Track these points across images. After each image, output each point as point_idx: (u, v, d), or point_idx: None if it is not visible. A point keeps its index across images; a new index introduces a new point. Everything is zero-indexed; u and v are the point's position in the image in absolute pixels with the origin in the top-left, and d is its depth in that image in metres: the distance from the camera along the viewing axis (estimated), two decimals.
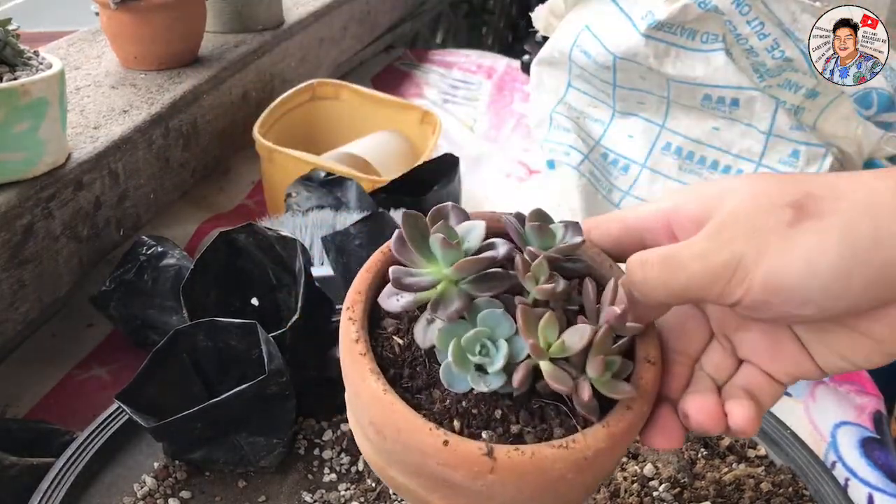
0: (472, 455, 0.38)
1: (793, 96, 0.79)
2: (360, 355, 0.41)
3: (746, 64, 0.79)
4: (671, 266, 0.39)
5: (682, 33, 0.79)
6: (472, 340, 0.40)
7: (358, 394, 0.42)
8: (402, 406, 0.39)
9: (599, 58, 0.85)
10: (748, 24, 0.77)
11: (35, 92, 0.73)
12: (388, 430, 0.40)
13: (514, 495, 0.40)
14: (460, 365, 0.39)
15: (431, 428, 0.39)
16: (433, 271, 0.41)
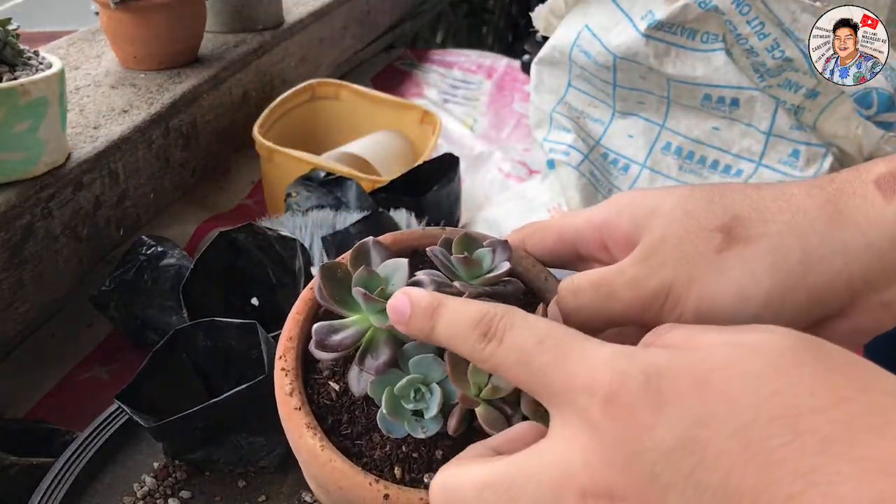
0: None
1: (793, 96, 0.79)
2: (294, 410, 0.41)
3: (747, 64, 0.79)
4: (603, 294, 0.39)
5: (682, 33, 0.79)
6: (405, 388, 0.40)
7: (297, 450, 0.41)
8: (340, 462, 0.39)
9: (599, 58, 0.85)
10: (748, 24, 0.77)
11: (35, 92, 0.73)
12: (330, 487, 0.40)
13: None
14: (395, 414, 0.40)
15: (371, 482, 0.38)
16: (358, 320, 0.41)
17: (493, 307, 0.35)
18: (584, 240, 0.43)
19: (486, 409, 0.39)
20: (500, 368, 0.34)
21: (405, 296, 0.37)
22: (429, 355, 0.40)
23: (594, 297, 0.39)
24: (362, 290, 0.40)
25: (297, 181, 0.93)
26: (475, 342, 0.34)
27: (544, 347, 0.32)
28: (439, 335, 0.36)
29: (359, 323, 0.41)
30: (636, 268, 0.39)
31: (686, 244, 0.38)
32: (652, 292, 0.38)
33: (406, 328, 0.37)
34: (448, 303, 0.36)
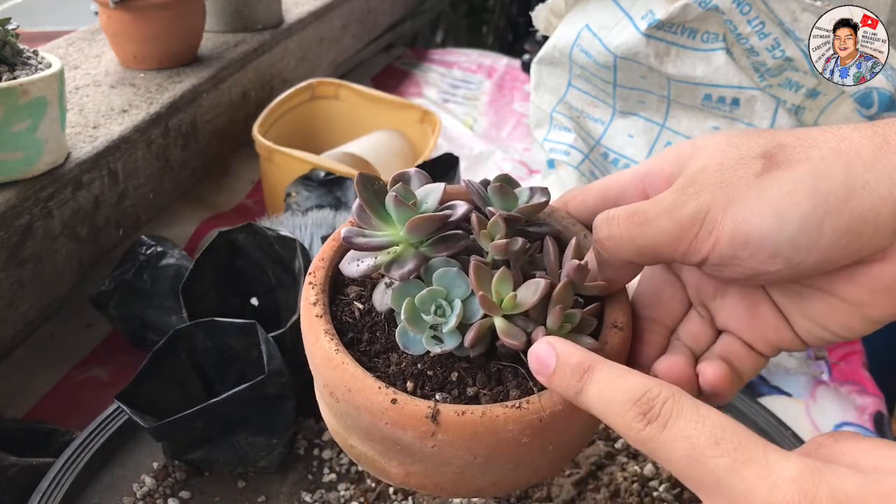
0: (419, 414, 0.37)
1: (793, 96, 0.79)
2: (315, 317, 0.41)
3: (747, 63, 0.79)
4: (637, 221, 0.38)
5: (682, 32, 0.79)
6: (426, 300, 0.39)
7: (312, 354, 0.41)
8: (352, 366, 0.39)
9: (600, 57, 0.85)
10: (749, 24, 0.77)
11: (34, 91, 0.73)
12: (339, 391, 0.39)
13: (467, 458, 0.39)
14: (415, 325, 0.39)
15: (381, 387, 0.38)
16: (389, 233, 0.41)
17: (656, 384, 0.34)
18: (627, 194, 0.42)
19: (506, 323, 0.38)
20: (660, 455, 0.33)
21: (550, 347, 0.36)
22: (453, 269, 0.40)
23: (628, 225, 0.38)
24: (395, 195, 0.39)
25: (296, 181, 0.93)
26: (633, 420, 0.33)
27: (721, 450, 0.31)
28: (589, 401, 0.35)
29: (389, 236, 0.41)
30: (673, 195, 0.37)
31: (726, 170, 0.37)
32: (688, 218, 0.36)
33: (548, 382, 0.36)
34: (602, 368, 0.35)
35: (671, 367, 0.40)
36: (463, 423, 0.37)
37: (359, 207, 0.41)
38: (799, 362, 0.85)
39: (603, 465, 0.63)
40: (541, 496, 0.62)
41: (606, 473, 0.62)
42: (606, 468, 0.63)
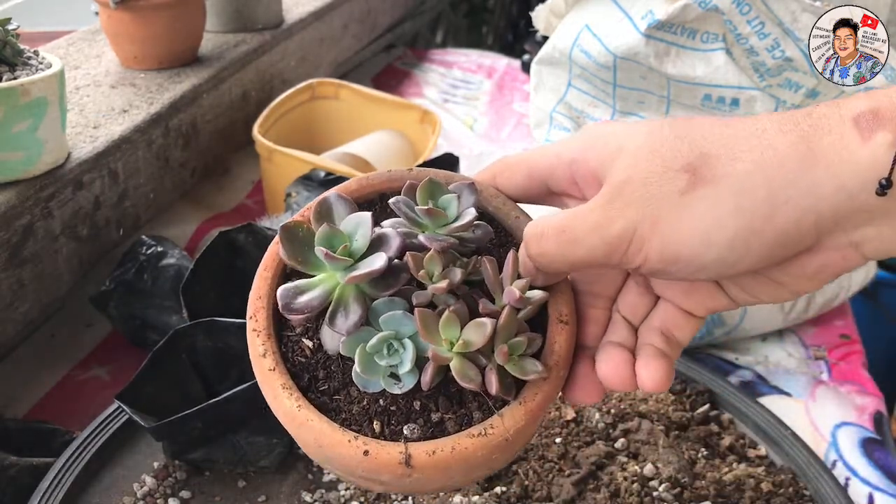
0: (392, 462, 0.39)
1: (793, 96, 0.79)
2: (269, 371, 0.41)
3: (747, 63, 0.79)
4: (567, 239, 0.39)
5: (682, 33, 0.79)
6: (377, 345, 0.39)
7: (275, 410, 0.41)
8: (318, 421, 0.39)
9: (600, 58, 0.84)
10: (749, 24, 0.77)
11: (35, 91, 0.73)
12: (310, 448, 0.40)
13: (443, 482, 0.42)
14: (370, 371, 0.39)
15: (350, 440, 0.39)
16: (325, 279, 0.40)
17: None
18: (554, 177, 0.42)
19: (460, 362, 0.39)
20: None
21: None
22: (398, 312, 0.40)
23: (558, 244, 0.39)
24: (324, 250, 0.39)
25: (296, 181, 0.93)
26: None
27: None
28: None
29: (326, 281, 0.40)
30: (599, 212, 0.38)
31: (651, 185, 0.37)
32: (616, 236, 0.38)
33: None
34: None
35: (613, 372, 0.41)
36: (435, 462, 0.39)
37: (284, 254, 0.41)
38: (799, 362, 0.85)
39: (603, 465, 0.63)
40: (541, 496, 0.62)
41: (606, 473, 0.62)
42: (606, 468, 0.63)
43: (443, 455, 0.39)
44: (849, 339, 0.89)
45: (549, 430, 0.66)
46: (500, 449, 0.40)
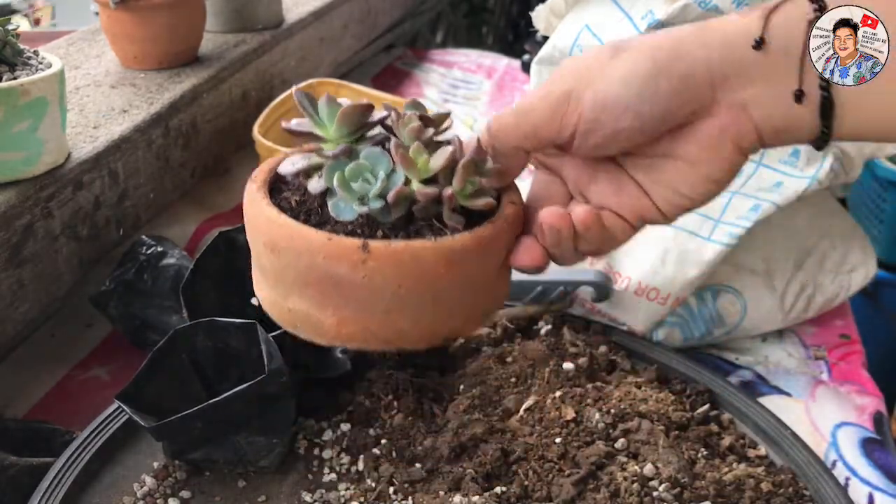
0: (352, 245, 0.46)
1: None
2: (259, 197, 0.50)
3: None
4: (520, 110, 0.50)
5: None
6: (354, 172, 0.48)
7: (256, 225, 0.50)
8: (294, 222, 0.48)
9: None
10: None
11: (35, 91, 0.73)
12: (282, 242, 0.48)
13: (394, 289, 0.47)
14: (345, 192, 0.47)
15: (318, 232, 0.47)
16: (322, 132, 0.51)
17: None
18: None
19: (422, 184, 0.48)
20: None
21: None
22: (377, 149, 0.49)
23: (514, 114, 0.50)
24: (327, 95, 0.51)
25: None
26: None
27: None
28: None
29: (322, 133, 0.51)
30: (545, 85, 0.49)
31: (585, 63, 0.49)
32: (557, 99, 0.48)
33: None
34: None
35: (551, 211, 0.50)
36: (391, 251, 0.46)
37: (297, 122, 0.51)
38: (798, 362, 0.85)
39: (603, 465, 0.63)
40: (540, 496, 0.62)
41: (606, 473, 0.62)
42: (606, 468, 0.63)
43: (396, 247, 0.46)
44: (849, 339, 0.89)
45: (549, 431, 0.66)
46: (446, 260, 0.47)
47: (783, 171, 0.80)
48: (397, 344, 0.51)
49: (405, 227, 0.48)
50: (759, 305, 0.84)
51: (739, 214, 0.79)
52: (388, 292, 0.47)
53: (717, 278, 0.83)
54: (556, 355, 0.74)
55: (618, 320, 0.82)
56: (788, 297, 0.85)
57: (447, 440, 0.65)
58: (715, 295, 0.83)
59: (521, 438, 0.66)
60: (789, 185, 0.79)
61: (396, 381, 0.70)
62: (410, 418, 0.68)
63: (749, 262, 0.84)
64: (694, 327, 0.83)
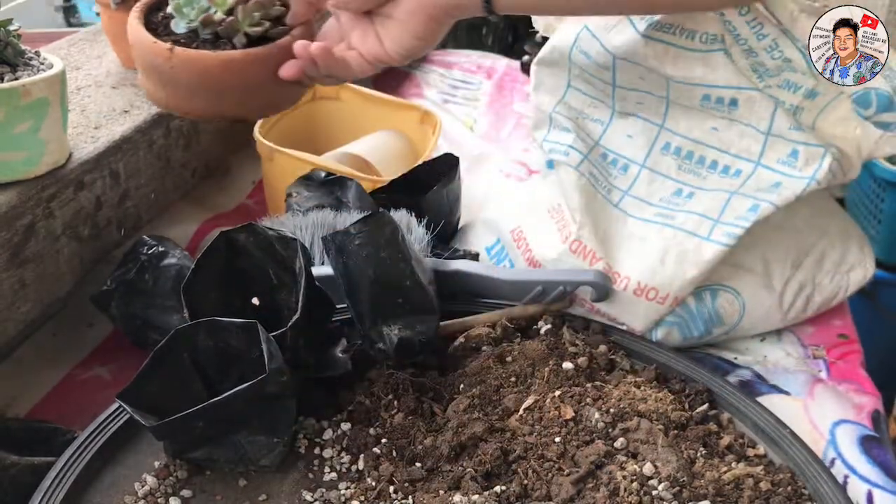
0: (163, 47, 0.72)
1: (791, 96, 0.79)
2: (136, 21, 0.74)
3: (746, 64, 0.79)
4: None
5: (681, 34, 0.79)
6: (187, 2, 0.74)
7: (131, 37, 0.75)
8: (144, 32, 0.73)
9: (599, 58, 0.85)
10: (748, 25, 0.77)
11: (36, 92, 0.73)
12: (136, 44, 0.74)
13: (191, 80, 0.73)
14: (178, 14, 0.74)
15: (155, 41, 0.73)
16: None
17: None
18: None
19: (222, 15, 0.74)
20: None
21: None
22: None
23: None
24: None
25: (297, 181, 0.93)
26: None
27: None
28: None
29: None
30: None
31: None
32: None
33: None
34: None
35: (300, 43, 0.74)
36: (186, 55, 0.72)
37: None
38: (797, 362, 0.86)
39: (602, 464, 0.63)
40: (540, 495, 0.62)
41: (605, 472, 0.62)
42: (605, 467, 0.63)
43: (191, 53, 0.72)
44: (847, 338, 0.89)
45: (549, 430, 0.66)
46: (225, 66, 0.72)
47: (782, 171, 0.80)
48: (204, 116, 0.87)
49: (214, 42, 0.73)
50: (758, 305, 0.84)
51: (738, 215, 0.80)
52: (188, 82, 0.72)
53: (716, 278, 0.83)
54: (556, 355, 0.74)
55: (617, 320, 0.82)
56: (787, 297, 0.85)
57: (447, 439, 0.66)
58: (714, 294, 0.83)
59: (520, 437, 0.66)
60: (788, 186, 0.79)
61: (397, 381, 0.71)
62: (410, 417, 0.68)
63: (747, 262, 0.84)
64: (693, 327, 0.83)
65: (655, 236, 0.81)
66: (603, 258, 0.81)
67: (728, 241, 0.79)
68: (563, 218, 0.84)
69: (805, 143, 0.79)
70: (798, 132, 0.79)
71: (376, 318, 0.72)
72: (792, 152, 0.79)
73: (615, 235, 0.82)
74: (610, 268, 0.81)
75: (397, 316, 0.73)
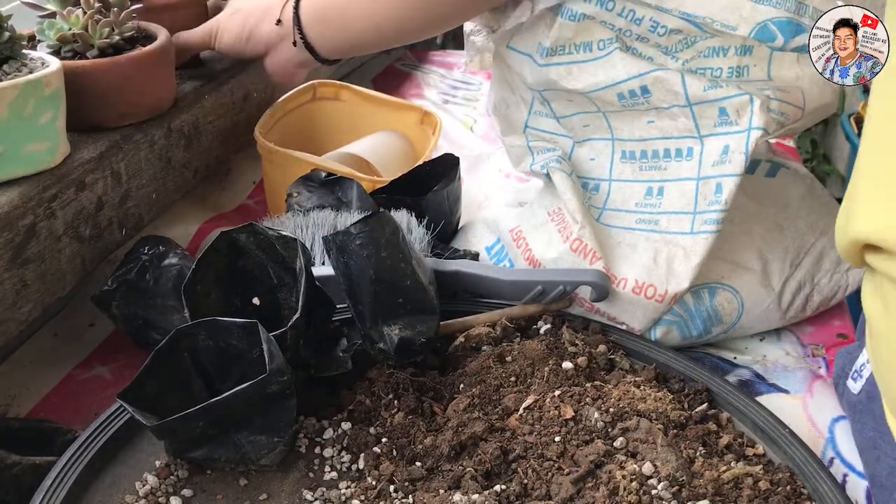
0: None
1: (726, 60, 0.78)
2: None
3: (652, 51, 0.78)
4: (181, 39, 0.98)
5: (577, 49, 0.80)
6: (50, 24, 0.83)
7: None
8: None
9: (536, 97, 0.86)
10: (620, 16, 0.77)
11: (55, 83, 0.74)
12: None
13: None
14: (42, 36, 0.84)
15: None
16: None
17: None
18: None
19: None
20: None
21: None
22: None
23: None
24: None
25: (298, 181, 0.93)
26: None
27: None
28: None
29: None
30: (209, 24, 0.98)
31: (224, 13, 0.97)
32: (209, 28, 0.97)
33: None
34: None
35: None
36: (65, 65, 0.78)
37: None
38: (797, 360, 0.86)
39: (601, 464, 0.64)
40: (540, 494, 0.62)
41: (605, 472, 0.63)
42: (605, 466, 0.63)
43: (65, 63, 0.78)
44: (846, 338, 0.89)
45: (549, 429, 0.66)
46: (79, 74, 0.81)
47: (723, 132, 0.79)
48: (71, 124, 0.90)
49: (72, 58, 0.83)
50: (757, 304, 0.84)
51: (709, 200, 0.79)
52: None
53: (714, 276, 0.83)
54: (556, 354, 0.74)
55: (616, 319, 0.83)
56: (786, 296, 0.86)
57: (447, 439, 0.66)
58: (712, 293, 0.83)
59: (520, 437, 0.67)
60: (734, 147, 0.78)
61: (397, 381, 0.71)
62: (411, 417, 0.69)
63: (746, 261, 0.85)
64: (692, 325, 0.83)
65: (644, 243, 0.82)
66: (602, 258, 0.81)
67: (710, 229, 0.79)
68: (563, 220, 0.84)
69: (726, 97, 0.78)
70: (715, 90, 0.78)
71: (377, 317, 0.72)
72: (721, 111, 0.79)
73: (605, 244, 0.83)
74: (608, 269, 0.81)
75: (398, 316, 0.73)
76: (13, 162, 0.74)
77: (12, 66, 0.74)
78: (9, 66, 0.74)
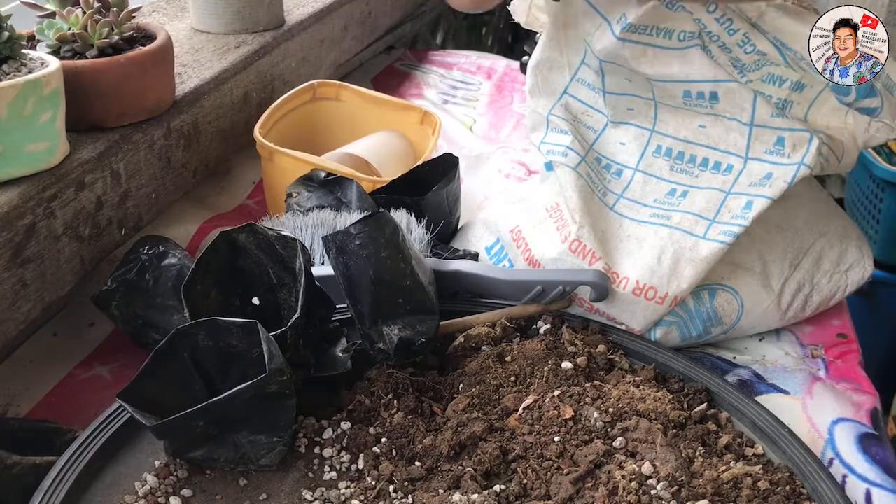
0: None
1: (778, 90, 0.79)
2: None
3: (726, 59, 0.79)
4: None
5: (657, 33, 0.79)
6: (49, 24, 0.83)
7: None
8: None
9: (590, 62, 0.85)
10: (717, 21, 0.77)
11: (54, 83, 0.74)
12: None
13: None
14: (42, 36, 0.84)
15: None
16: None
17: None
18: None
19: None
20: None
21: None
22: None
23: None
24: None
25: (297, 181, 0.93)
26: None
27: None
28: None
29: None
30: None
31: None
32: None
33: None
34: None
35: None
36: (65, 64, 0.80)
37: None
38: (796, 361, 0.86)
39: (601, 464, 0.64)
40: (539, 494, 0.62)
41: (605, 472, 0.63)
42: (604, 466, 0.63)
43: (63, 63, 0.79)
44: (846, 338, 0.89)
45: (548, 429, 0.66)
46: (79, 73, 0.82)
47: (771, 161, 0.80)
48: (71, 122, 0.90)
49: (72, 58, 0.84)
50: (756, 304, 0.85)
51: (735, 214, 0.80)
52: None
53: (714, 277, 0.83)
54: (555, 355, 0.74)
55: (616, 320, 0.83)
56: (785, 297, 0.86)
57: (447, 439, 0.66)
58: (712, 294, 0.83)
59: (520, 437, 0.67)
60: (779, 175, 0.79)
61: (396, 380, 0.71)
62: (410, 417, 0.69)
63: (746, 262, 0.85)
64: (692, 326, 0.83)
65: (652, 237, 0.82)
66: (602, 258, 0.81)
67: (725, 240, 0.79)
68: (562, 218, 0.84)
69: (790, 129, 0.79)
70: (781, 119, 0.79)
71: (376, 317, 0.72)
72: (778, 140, 0.79)
73: (612, 237, 0.83)
74: (609, 268, 0.81)
75: (397, 316, 0.73)
76: (13, 162, 0.74)
77: (12, 66, 0.74)
78: (8, 66, 0.74)
